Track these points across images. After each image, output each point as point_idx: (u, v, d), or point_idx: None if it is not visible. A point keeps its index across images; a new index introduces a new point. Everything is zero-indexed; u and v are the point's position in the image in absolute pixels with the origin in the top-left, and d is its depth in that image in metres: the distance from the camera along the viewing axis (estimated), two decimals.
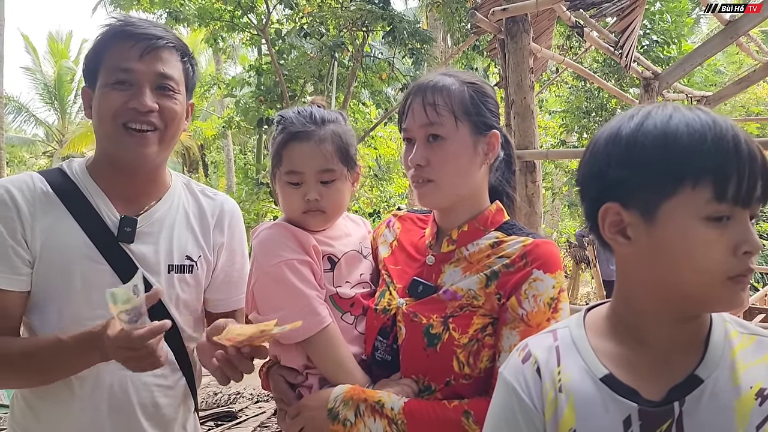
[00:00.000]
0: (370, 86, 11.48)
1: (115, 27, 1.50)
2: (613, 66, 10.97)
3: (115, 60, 1.47)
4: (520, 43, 4.71)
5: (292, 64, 10.93)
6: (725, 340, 0.96)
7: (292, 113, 1.52)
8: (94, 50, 1.50)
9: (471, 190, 1.42)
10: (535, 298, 1.30)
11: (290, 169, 1.48)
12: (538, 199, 4.42)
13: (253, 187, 11.75)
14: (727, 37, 5.30)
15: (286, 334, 1.35)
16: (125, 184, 1.54)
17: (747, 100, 15.90)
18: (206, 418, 5.21)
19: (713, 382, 0.92)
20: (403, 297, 1.43)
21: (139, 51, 1.47)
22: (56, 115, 22.76)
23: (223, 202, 1.71)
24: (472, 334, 1.32)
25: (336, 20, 10.22)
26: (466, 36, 10.93)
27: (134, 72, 1.46)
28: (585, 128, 12.71)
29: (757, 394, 0.90)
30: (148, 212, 1.55)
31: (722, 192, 0.86)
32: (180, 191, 1.65)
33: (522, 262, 1.33)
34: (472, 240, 1.42)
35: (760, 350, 0.95)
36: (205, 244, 1.63)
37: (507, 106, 5.01)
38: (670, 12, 10.91)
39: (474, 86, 1.41)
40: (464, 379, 1.33)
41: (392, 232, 1.60)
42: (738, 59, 18.04)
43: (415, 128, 1.39)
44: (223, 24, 10.97)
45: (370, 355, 1.45)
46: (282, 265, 1.43)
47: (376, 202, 12.89)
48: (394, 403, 1.30)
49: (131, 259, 1.49)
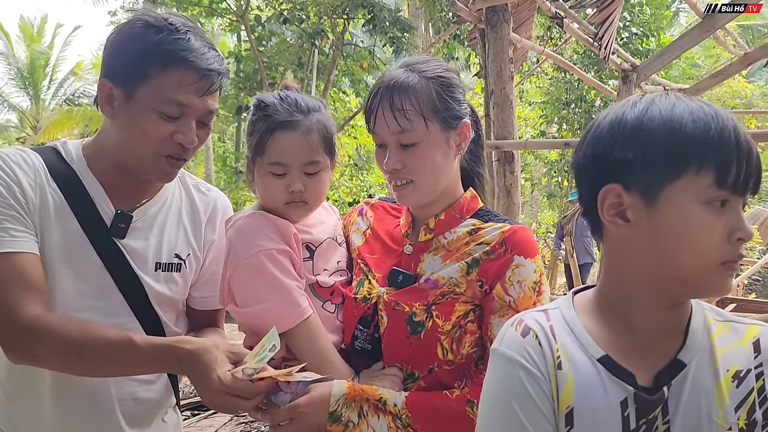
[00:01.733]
0: (351, 75, 11.44)
1: (176, 44, 1.36)
2: (592, 57, 11.04)
3: (172, 91, 1.36)
4: (500, 33, 4.71)
5: (272, 51, 10.83)
6: (704, 326, 1.00)
7: (274, 99, 1.47)
8: (137, 54, 1.36)
9: (447, 182, 1.43)
10: (519, 284, 1.33)
11: (275, 160, 1.44)
12: (516, 190, 4.45)
13: (231, 176, 11.67)
14: (705, 31, 5.35)
15: (265, 328, 1.35)
16: (125, 181, 1.48)
17: (723, 94, 16.12)
18: (184, 408, 5.18)
19: (695, 366, 0.96)
20: (383, 286, 1.43)
21: (201, 89, 1.39)
22: (30, 101, 22.32)
23: (217, 198, 1.67)
24: (455, 321, 1.34)
25: (316, 7, 10.14)
26: (447, 25, 10.91)
27: (188, 107, 1.39)
28: (564, 119, 12.79)
29: (734, 377, 0.95)
30: (142, 208, 1.51)
31: (723, 178, 0.90)
32: (174, 186, 1.60)
33: (502, 248, 1.35)
34: (449, 228, 1.43)
35: (735, 335, 0.99)
36: (195, 242, 1.59)
37: (486, 96, 5.01)
38: (649, 4, 11.01)
39: (438, 80, 1.38)
40: (447, 365, 1.35)
41: (365, 220, 1.60)
42: (715, 53, 18.27)
43: (387, 134, 1.37)
44: (202, 9, 10.81)
45: (349, 344, 1.45)
46: (261, 255, 1.40)
47: (356, 191, 12.86)
48: (396, 399, 1.31)
49: (123, 253, 1.45)
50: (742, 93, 16.57)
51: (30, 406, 1.44)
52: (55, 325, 1.30)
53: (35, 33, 22.28)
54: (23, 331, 1.28)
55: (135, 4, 11.06)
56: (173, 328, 1.57)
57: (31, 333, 1.28)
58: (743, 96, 16.62)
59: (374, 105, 1.38)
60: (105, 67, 1.42)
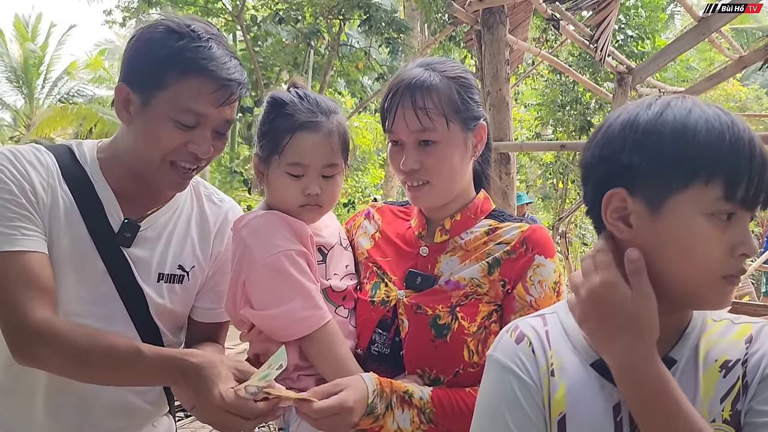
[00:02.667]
0: (347, 75, 11.42)
1: (196, 52, 1.33)
2: (588, 60, 11.06)
3: (190, 99, 1.33)
4: (497, 35, 4.71)
5: (268, 52, 10.81)
6: (700, 327, 1.00)
7: (293, 97, 1.43)
8: (157, 60, 1.33)
9: (462, 184, 1.43)
10: (540, 284, 1.33)
11: (296, 161, 1.39)
12: (512, 192, 4.45)
13: (226, 176, 11.62)
14: (700, 34, 5.37)
15: (284, 332, 1.33)
16: (136, 188, 1.46)
17: (717, 97, 16.19)
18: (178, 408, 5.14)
19: (685, 362, 0.96)
20: (401, 289, 1.41)
21: (219, 100, 1.35)
22: (24, 100, 22.21)
23: (228, 210, 1.63)
24: (480, 322, 1.33)
25: (312, 7, 10.12)
26: (443, 26, 10.91)
27: (205, 117, 1.36)
28: (560, 121, 12.81)
29: (722, 366, 0.94)
30: (151, 216, 1.48)
31: (732, 192, 0.87)
32: (186, 195, 1.57)
33: (523, 248, 1.35)
34: (466, 228, 1.43)
35: (729, 330, 0.99)
36: (201, 253, 1.56)
37: (482, 98, 5.01)
38: (644, 7, 11.04)
39: (458, 80, 1.38)
40: (472, 368, 1.33)
41: (373, 224, 1.58)
42: (709, 56, 18.35)
43: (406, 133, 1.35)
44: (197, 9, 10.78)
45: (366, 349, 1.42)
46: (281, 255, 1.36)
47: (351, 192, 12.86)
48: (423, 393, 1.29)
49: (127, 262, 1.43)
50: (736, 96, 16.65)
51: (23, 404, 1.42)
52: (62, 330, 1.28)
53: (30, 32, 22.19)
54: (30, 334, 1.26)
55: (130, 4, 11.00)
56: (171, 339, 1.54)
57: (38, 336, 1.26)
58: (737, 99, 16.70)
59: (394, 103, 1.36)
60: (124, 71, 1.39)
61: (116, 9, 11.31)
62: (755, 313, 4.95)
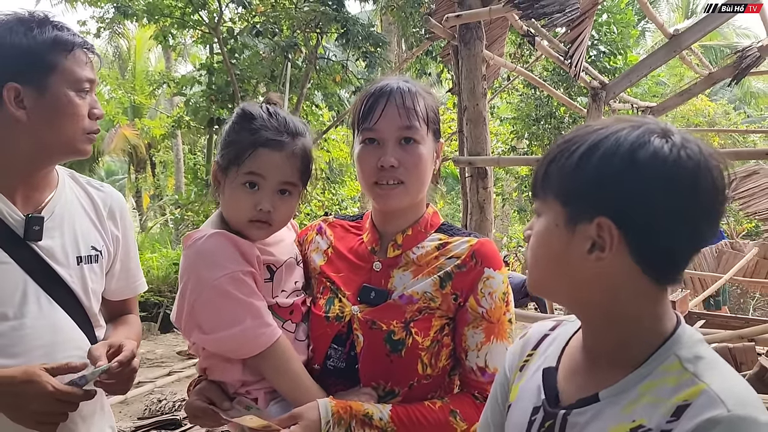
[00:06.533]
0: (324, 88, 11.40)
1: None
2: (562, 75, 11.23)
3: (78, 77, 1.47)
4: (474, 50, 4.75)
5: (245, 64, 10.76)
6: (656, 371, 0.90)
7: (262, 113, 1.44)
8: (21, 50, 1.41)
9: (423, 193, 1.46)
10: (491, 295, 1.38)
11: (252, 170, 1.40)
12: (489, 205, 4.47)
13: (202, 188, 11.50)
14: (671, 50, 5.50)
15: (236, 352, 1.35)
16: (21, 182, 1.49)
17: (687, 112, 16.55)
18: (150, 426, 5.07)
19: (607, 405, 0.91)
20: (354, 304, 1.42)
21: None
22: None
23: (112, 193, 1.72)
24: (433, 336, 1.38)
25: (289, 20, 10.12)
26: (420, 41, 11.00)
27: (94, 83, 1.51)
28: (534, 135, 12.97)
29: (633, 429, 0.86)
30: (47, 206, 1.53)
31: None
32: (68, 183, 1.63)
33: (472, 261, 1.40)
34: (417, 243, 1.46)
35: (676, 392, 0.85)
36: (103, 233, 1.64)
37: (459, 112, 5.04)
38: (616, 23, 11.25)
39: (432, 96, 1.47)
40: (425, 380, 1.38)
41: (325, 239, 1.58)
42: (679, 71, 18.76)
43: (390, 130, 1.38)
44: (174, 21, 10.69)
45: (322, 363, 1.43)
46: (228, 278, 1.36)
47: (328, 204, 12.81)
48: (382, 413, 1.31)
49: (40, 255, 1.47)
50: (705, 111, 17.04)
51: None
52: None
53: None
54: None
55: (105, 15, 10.88)
56: (99, 321, 1.61)
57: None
58: (706, 114, 17.09)
59: (380, 102, 1.39)
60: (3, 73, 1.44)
61: (91, 19, 11.18)
62: (727, 326, 5.03)
